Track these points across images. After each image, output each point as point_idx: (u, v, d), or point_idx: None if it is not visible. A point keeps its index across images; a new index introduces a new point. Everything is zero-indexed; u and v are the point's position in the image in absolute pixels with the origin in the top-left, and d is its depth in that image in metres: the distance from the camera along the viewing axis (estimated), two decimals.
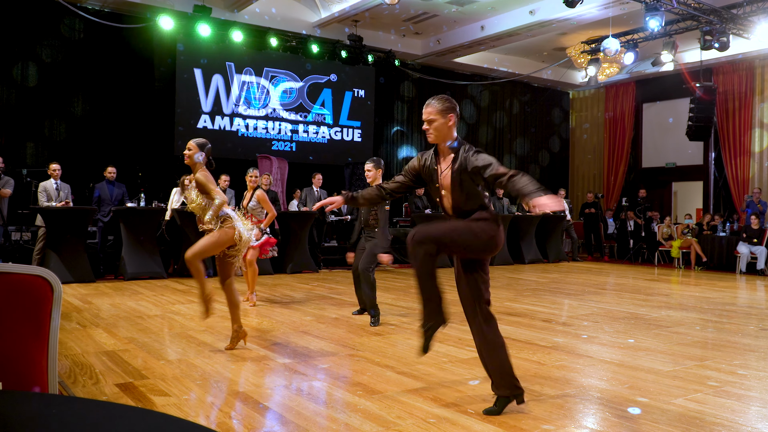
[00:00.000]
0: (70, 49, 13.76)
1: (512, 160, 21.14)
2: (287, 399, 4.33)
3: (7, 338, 2.23)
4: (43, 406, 1.56)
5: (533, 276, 12.92)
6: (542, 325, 7.24)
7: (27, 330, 2.26)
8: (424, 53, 17.98)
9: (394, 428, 3.72)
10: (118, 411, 1.55)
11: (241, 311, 7.65)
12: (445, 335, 6.44)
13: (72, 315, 7.46)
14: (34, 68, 13.34)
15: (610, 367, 5.26)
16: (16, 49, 13.07)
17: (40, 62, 13.41)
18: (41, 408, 1.54)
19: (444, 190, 4.02)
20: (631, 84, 20.67)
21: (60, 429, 1.38)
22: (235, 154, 15.64)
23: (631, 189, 20.00)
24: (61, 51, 13.62)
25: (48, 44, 13.47)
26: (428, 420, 3.85)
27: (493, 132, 20.76)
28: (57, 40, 13.59)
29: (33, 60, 13.31)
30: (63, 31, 13.63)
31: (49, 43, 13.49)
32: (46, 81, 13.45)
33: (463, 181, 3.91)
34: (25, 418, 1.47)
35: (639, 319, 7.73)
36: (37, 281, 2.26)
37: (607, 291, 10.78)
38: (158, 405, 4.09)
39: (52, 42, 13.53)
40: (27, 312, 2.25)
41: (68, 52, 13.72)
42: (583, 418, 3.98)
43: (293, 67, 16.69)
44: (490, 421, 3.85)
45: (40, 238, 10.93)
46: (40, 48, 13.39)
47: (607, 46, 14.54)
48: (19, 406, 1.56)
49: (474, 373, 4.92)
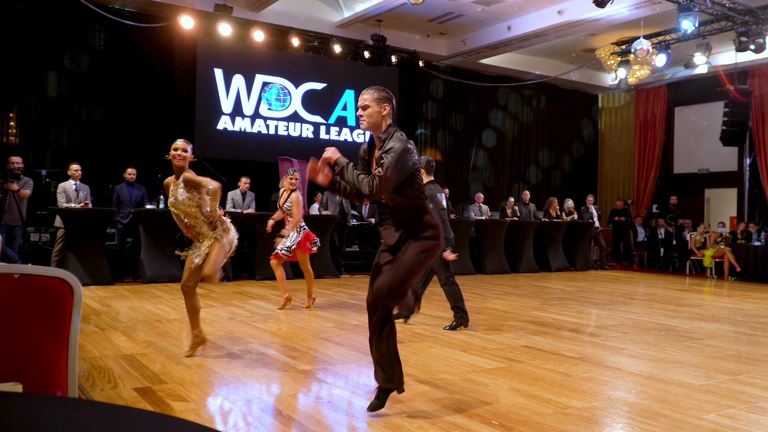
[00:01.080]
0: (92, 52, 13.94)
1: (538, 165, 21.09)
2: (307, 406, 4.35)
3: (27, 340, 2.25)
4: (63, 410, 1.57)
5: (560, 284, 12.87)
6: (569, 335, 7.22)
7: (47, 332, 2.28)
8: (449, 54, 17.99)
9: None
10: (138, 416, 1.56)
11: (262, 317, 7.70)
12: (469, 345, 6.44)
13: (90, 318, 7.54)
14: (55, 75, 13.53)
15: (639, 379, 5.23)
16: (39, 55, 13.25)
17: (62, 67, 13.60)
18: (62, 412, 1.55)
19: None
20: (662, 87, 20.53)
21: None
22: (255, 156, 15.74)
23: (661, 195, 19.86)
24: (82, 55, 13.80)
25: (71, 49, 13.65)
26: (451, 431, 3.85)
27: (519, 135, 20.72)
28: (79, 46, 13.77)
29: (56, 65, 13.50)
30: (86, 36, 13.81)
31: (72, 49, 13.68)
32: (67, 84, 13.63)
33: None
34: (45, 422, 1.48)
35: (669, 330, 7.68)
36: (58, 283, 2.27)
37: (636, 301, 10.72)
38: (176, 410, 4.12)
39: (75, 47, 13.71)
40: (47, 314, 2.27)
41: (90, 55, 13.90)
42: None
43: (315, 67, 16.75)
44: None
45: (58, 239, 11.05)
46: (63, 53, 13.57)
47: (638, 47, 14.46)
48: (39, 409, 1.57)
49: (498, 384, 4.92)
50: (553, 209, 16.20)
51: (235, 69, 15.80)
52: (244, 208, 12.41)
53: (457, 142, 19.47)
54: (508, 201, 16.23)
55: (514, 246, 15.33)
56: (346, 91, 17.32)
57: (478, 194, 16.11)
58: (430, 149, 18.98)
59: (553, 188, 20.86)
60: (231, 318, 7.79)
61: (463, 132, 19.55)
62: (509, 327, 7.61)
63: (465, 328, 7.40)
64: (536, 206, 16.82)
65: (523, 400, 4.51)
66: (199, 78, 15.35)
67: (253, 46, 15.19)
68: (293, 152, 15.35)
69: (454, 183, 18.95)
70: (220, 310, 8.37)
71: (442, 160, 19.12)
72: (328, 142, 16.85)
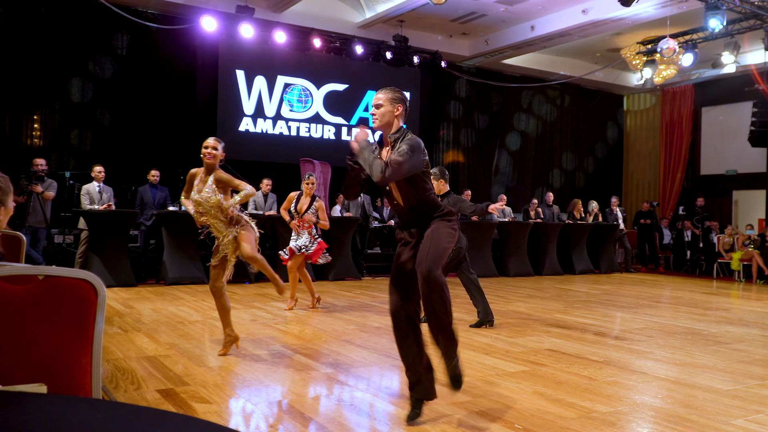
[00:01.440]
0: (115, 56, 14.08)
1: (562, 166, 21.01)
2: (329, 409, 4.37)
3: (52, 342, 2.27)
4: (87, 411, 1.59)
5: (584, 287, 12.81)
6: (593, 338, 7.18)
7: (71, 334, 2.31)
8: (472, 54, 17.96)
9: None
10: (162, 417, 1.57)
11: (284, 319, 7.73)
12: (491, 348, 6.43)
13: (114, 319, 7.61)
14: (78, 79, 13.68)
15: (665, 384, 5.20)
16: (63, 60, 13.40)
17: (85, 71, 13.75)
18: (86, 413, 1.57)
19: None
20: (689, 87, 20.37)
21: None
22: (277, 157, 15.79)
23: (688, 197, 19.69)
24: (105, 59, 13.95)
25: (94, 54, 13.80)
26: None
27: (542, 136, 20.65)
28: (102, 50, 13.92)
29: (79, 69, 13.65)
30: (109, 40, 13.95)
31: (95, 53, 13.83)
32: (90, 88, 13.79)
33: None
34: (69, 423, 1.50)
35: (696, 334, 7.63)
36: (82, 285, 2.30)
37: (662, 304, 10.64)
38: (199, 412, 4.15)
39: (98, 52, 13.85)
40: (71, 316, 2.30)
41: (112, 59, 14.04)
42: None
43: (336, 68, 16.78)
44: None
45: (82, 241, 11.18)
46: (87, 57, 13.72)
47: (664, 46, 14.37)
48: (63, 410, 1.59)
49: (522, 387, 4.91)
50: (577, 211, 16.13)
51: (257, 70, 15.87)
52: (265, 209, 12.47)
53: (480, 144, 19.43)
54: (532, 203, 16.17)
55: (537, 248, 15.27)
56: (367, 92, 17.32)
57: (501, 196, 16.01)
58: (453, 150, 18.96)
59: (577, 189, 20.77)
60: (253, 320, 7.83)
61: (486, 133, 19.51)
62: (533, 330, 7.59)
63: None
64: (560, 208, 16.73)
65: (547, 404, 4.50)
66: (221, 80, 15.43)
67: (275, 48, 15.24)
68: (315, 154, 15.41)
69: (476, 184, 18.90)
70: (243, 312, 8.42)
71: (464, 161, 19.10)
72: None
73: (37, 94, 13.32)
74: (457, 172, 19.00)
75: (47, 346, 2.27)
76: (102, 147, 13.82)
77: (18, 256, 3.99)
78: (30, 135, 13.39)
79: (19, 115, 13.27)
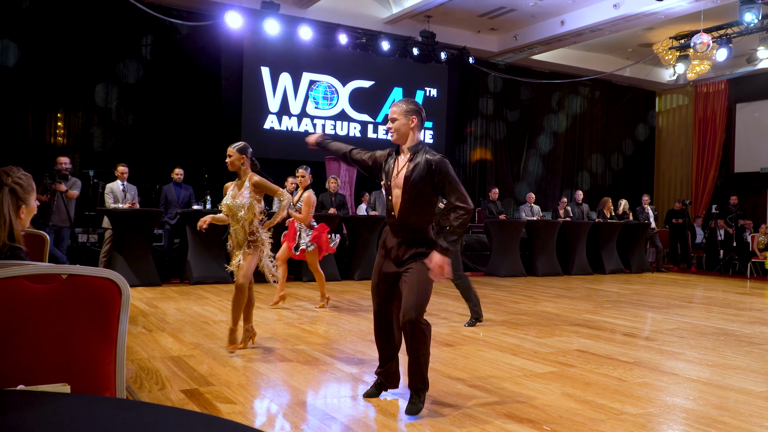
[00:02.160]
0: (138, 53, 14.22)
1: (592, 164, 20.87)
2: (354, 410, 4.38)
3: (75, 341, 2.29)
4: (111, 411, 1.60)
5: (614, 287, 12.72)
6: (623, 339, 7.13)
7: (95, 333, 2.32)
8: (500, 50, 17.87)
9: None
10: (186, 417, 1.58)
11: (309, 319, 7.76)
12: (519, 348, 6.41)
13: (138, 319, 7.68)
14: (102, 78, 13.83)
15: (696, 385, 5.15)
16: (87, 58, 13.55)
17: (111, 71, 13.89)
18: (109, 412, 1.58)
19: (397, 189, 4.28)
20: (723, 83, 20.15)
21: None
22: (302, 155, 15.81)
23: (721, 195, 19.50)
24: (129, 56, 14.10)
25: (118, 52, 13.95)
26: None
27: (572, 133, 20.53)
28: (126, 47, 14.07)
29: (103, 68, 13.78)
30: (134, 38, 14.10)
31: (120, 51, 13.97)
32: (115, 86, 13.92)
33: (416, 184, 4.19)
34: (93, 423, 1.51)
35: (729, 335, 7.55)
36: (106, 284, 2.31)
37: (694, 304, 10.54)
38: (224, 412, 4.18)
39: (122, 49, 14.00)
40: (95, 315, 2.31)
41: (136, 57, 14.19)
42: None
43: (363, 65, 16.79)
44: None
45: (106, 240, 11.24)
46: (111, 56, 13.86)
47: (697, 41, 14.22)
48: (87, 410, 1.60)
49: (550, 389, 4.88)
50: (607, 209, 16.01)
51: (282, 67, 15.91)
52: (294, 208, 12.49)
53: (508, 141, 19.36)
54: (561, 201, 16.07)
55: (566, 247, 15.17)
56: (394, 88, 17.29)
57: (530, 194, 15.97)
58: (480, 147, 18.91)
59: (607, 188, 20.63)
60: (278, 320, 7.87)
61: (514, 130, 19.43)
62: (561, 330, 7.55)
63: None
64: (590, 206, 16.61)
65: (576, 405, 4.48)
66: (246, 77, 15.48)
67: (300, 44, 15.28)
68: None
69: (504, 182, 18.85)
70: (267, 312, 8.45)
71: (492, 158, 19.03)
72: (376, 142, 16.86)
73: (61, 93, 13.46)
74: (485, 169, 18.96)
75: (71, 345, 2.28)
76: (126, 145, 13.93)
77: (41, 255, 4.03)
78: (54, 133, 13.55)
79: (43, 113, 13.42)
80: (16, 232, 2.77)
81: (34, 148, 13.08)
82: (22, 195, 2.83)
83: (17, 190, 2.81)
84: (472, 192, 18.79)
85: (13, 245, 2.74)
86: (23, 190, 2.83)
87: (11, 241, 2.75)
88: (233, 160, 5.91)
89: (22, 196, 2.83)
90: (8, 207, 2.77)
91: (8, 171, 2.82)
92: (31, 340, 2.21)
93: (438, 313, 8.48)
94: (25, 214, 2.87)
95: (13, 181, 2.80)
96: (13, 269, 2.21)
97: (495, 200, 15.49)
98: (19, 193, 2.81)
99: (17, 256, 2.72)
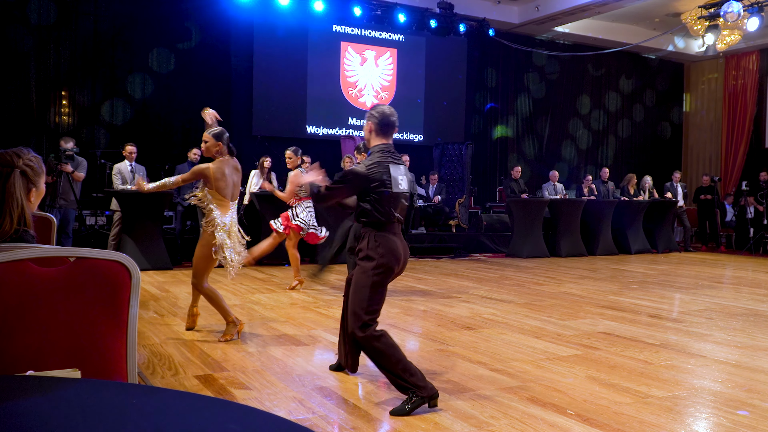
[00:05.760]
0: (147, 27, 14.18)
1: (618, 139, 20.75)
2: (372, 394, 4.40)
3: (85, 326, 2.29)
4: (122, 396, 1.61)
5: (640, 267, 12.66)
6: (649, 320, 7.11)
7: (104, 317, 2.33)
8: (521, 22, 17.69)
9: (486, 428, 3.73)
10: (199, 402, 1.59)
11: (325, 302, 7.80)
12: (542, 331, 6.41)
13: (149, 303, 7.73)
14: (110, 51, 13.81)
15: (725, 367, 5.14)
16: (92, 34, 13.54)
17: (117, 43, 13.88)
18: (120, 397, 1.59)
19: None
20: (754, 53, 19.91)
21: (139, 419, 1.42)
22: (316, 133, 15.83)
23: (752, 172, 19.28)
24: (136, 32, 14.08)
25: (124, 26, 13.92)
26: (524, 420, 3.84)
27: (597, 107, 20.38)
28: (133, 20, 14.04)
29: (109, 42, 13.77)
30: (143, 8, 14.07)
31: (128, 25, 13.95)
32: (123, 61, 13.93)
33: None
34: (104, 408, 1.52)
35: (759, 315, 7.51)
36: (115, 266, 2.31)
37: (723, 285, 10.49)
38: (239, 398, 4.21)
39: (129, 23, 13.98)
40: (104, 299, 2.31)
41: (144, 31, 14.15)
42: (694, 423, 3.91)
43: (378, 38, 16.72)
44: (591, 422, 3.81)
45: (115, 222, 11.18)
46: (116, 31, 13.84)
47: (727, 10, 14.05)
48: (98, 395, 1.60)
49: (574, 372, 4.88)
50: (631, 186, 15.91)
51: (294, 43, 15.83)
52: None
53: (530, 116, 19.25)
54: (586, 179, 15.97)
55: (590, 227, 15.08)
56: (411, 63, 17.24)
57: (553, 172, 15.88)
58: (500, 125, 18.81)
59: (634, 164, 20.47)
60: (293, 303, 7.90)
61: (536, 105, 19.31)
62: (585, 312, 7.54)
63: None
64: (615, 184, 16.50)
65: (601, 388, 4.48)
66: (257, 52, 15.40)
67: (313, 18, 15.20)
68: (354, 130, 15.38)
69: (527, 160, 18.77)
70: (282, 295, 8.49)
71: (513, 136, 18.94)
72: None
73: (66, 70, 13.45)
74: (506, 146, 18.87)
75: (80, 330, 2.29)
76: (134, 125, 13.92)
77: (49, 238, 4.06)
78: (58, 112, 13.52)
79: (47, 92, 13.36)
80: (27, 215, 2.79)
81: (37, 128, 13.07)
82: (33, 177, 2.84)
83: (28, 172, 2.81)
84: (494, 170, 18.74)
85: (19, 228, 2.75)
86: (34, 173, 2.84)
87: (20, 225, 2.76)
88: (209, 146, 5.94)
89: (32, 179, 2.84)
90: (20, 190, 2.78)
91: (19, 152, 2.81)
92: (39, 324, 2.22)
93: (459, 296, 8.49)
94: (35, 197, 2.89)
95: (24, 164, 2.80)
96: (20, 252, 2.22)
97: (517, 179, 15.41)
98: (30, 175, 2.82)
99: (24, 240, 2.74)
